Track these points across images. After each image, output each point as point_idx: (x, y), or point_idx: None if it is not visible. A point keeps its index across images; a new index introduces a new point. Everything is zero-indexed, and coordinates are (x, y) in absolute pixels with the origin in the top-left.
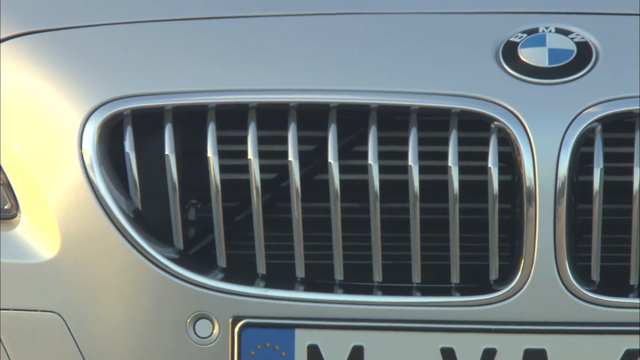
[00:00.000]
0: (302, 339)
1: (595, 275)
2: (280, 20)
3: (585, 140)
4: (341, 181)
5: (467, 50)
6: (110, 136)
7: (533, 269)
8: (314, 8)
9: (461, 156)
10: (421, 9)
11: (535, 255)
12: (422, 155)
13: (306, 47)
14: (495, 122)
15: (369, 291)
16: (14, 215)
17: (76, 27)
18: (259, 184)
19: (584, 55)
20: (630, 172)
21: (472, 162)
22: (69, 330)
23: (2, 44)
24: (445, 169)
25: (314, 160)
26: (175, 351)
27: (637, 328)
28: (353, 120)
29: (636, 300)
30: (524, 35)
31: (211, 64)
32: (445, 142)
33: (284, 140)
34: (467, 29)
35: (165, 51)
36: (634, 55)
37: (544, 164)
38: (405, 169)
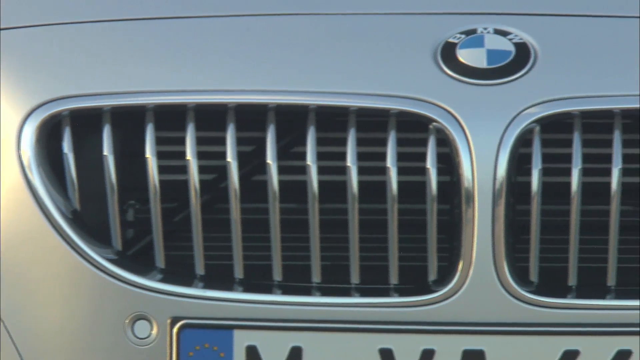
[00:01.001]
0: (241, 340)
1: (533, 276)
2: (219, 21)
3: (524, 141)
4: (281, 182)
5: (405, 51)
6: (49, 137)
7: (471, 269)
8: (253, 9)
9: (401, 157)
10: (360, 10)
11: (473, 256)
12: (362, 156)
13: (245, 48)
14: (434, 123)
15: (307, 292)
16: None
17: (15, 28)
18: (197, 185)
19: (522, 56)
20: (568, 173)
21: (412, 163)
22: (7, 331)
23: None
24: (384, 170)
25: (253, 161)
26: (113, 352)
27: (575, 329)
28: (294, 121)
29: (574, 301)
30: (463, 36)
31: (150, 64)
32: (384, 143)
33: (224, 141)
34: (405, 30)
35: (104, 52)
36: (572, 56)
37: (482, 165)
38: (345, 170)
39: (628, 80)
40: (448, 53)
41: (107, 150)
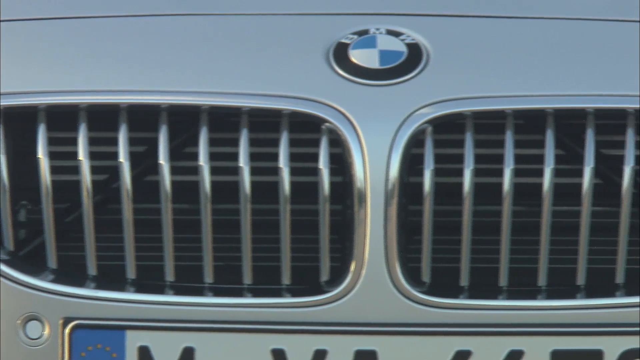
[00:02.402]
0: (133, 340)
1: (425, 276)
2: (112, 21)
3: (416, 141)
4: (174, 182)
5: (298, 51)
6: None
7: (364, 270)
8: (145, 9)
9: (295, 157)
10: (253, 11)
11: (366, 257)
12: (256, 157)
13: (138, 49)
14: (326, 124)
15: (200, 292)
16: None
17: None
18: (89, 185)
19: (414, 56)
20: (461, 173)
21: (305, 163)
22: None
23: None
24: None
25: (146, 162)
26: (6, 352)
27: (468, 329)
28: (187, 121)
29: (466, 302)
30: (355, 36)
31: (42, 65)
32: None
33: (116, 142)
34: (298, 30)
35: (2, 52)
36: (464, 57)
37: (374, 165)
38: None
39: (519, 80)
40: (340, 54)
41: None
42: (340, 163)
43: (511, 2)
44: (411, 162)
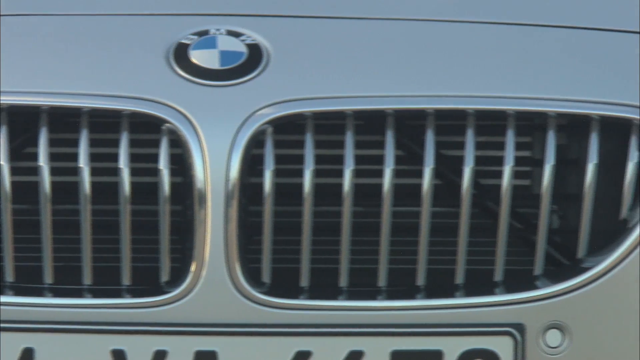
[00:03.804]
0: None
1: (266, 277)
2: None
3: (257, 142)
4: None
5: (138, 52)
6: None
7: (204, 270)
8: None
9: (139, 158)
10: (93, 11)
11: (206, 257)
12: (101, 158)
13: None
14: (166, 124)
15: (39, 293)
16: None
17: None
18: None
19: (254, 57)
20: (299, 174)
21: (147, 164)
22: None
23: None
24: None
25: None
26: None
27: (307, 330)
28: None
29: (306, 302)
30: (195, 37)
31: None
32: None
33: None
34: (138, 31)
35: None
36: (305, 58)
37: (215, 166)
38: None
39: (360, 81)
40: (180, 54)
41: None
42: (181, 163)
43: (350, 3)
44: (252, 163)
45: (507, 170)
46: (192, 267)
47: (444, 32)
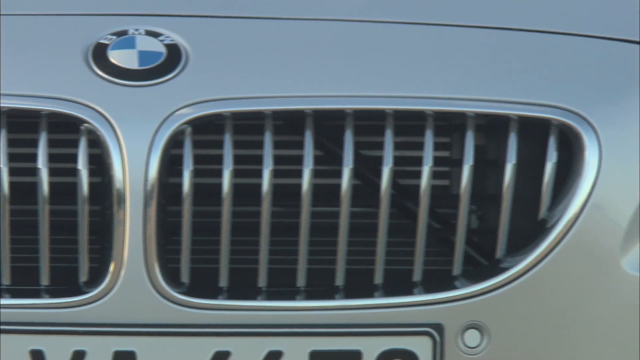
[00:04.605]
0: None
1: (184, 277)
2: None
3: (176, 142)
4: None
5: (57, 52)
6: None
7: (123, 270)
8: None
9: (60, 158)
10: (10, 11)
11: (125, 257)
12: (19, 158)
13: None
14: (85, 124)
15: None
16: None
17: None
18: None
19: (173, 57)
20: (218, 174)
21: (67, 164)
22: None
23: None
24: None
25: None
26: None
27: (226, 330)
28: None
29: (225, 302)
30: (114, 37)
31: None
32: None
33: None
34: (57, 31)
35: None
36: (223, 58)
37: (134, 166)
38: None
39: (280, 81)
40: (99, 54)
41: None
42: (101, 164)
43: (269, 3)
44: (171, 163)
45: (426, 170)
46: (111, 267)
47: (362, 32)
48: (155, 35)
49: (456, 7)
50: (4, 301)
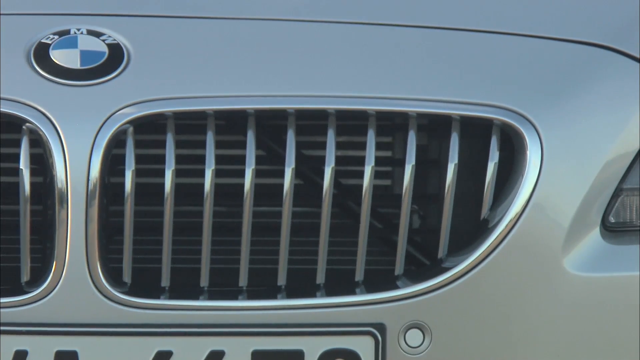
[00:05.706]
0: None
1: (127, 277)
2: None
3: (119, 142)
4: None
5: None
6: None
7: (65, 270)
8: None
9: (2, 158)
10: None
11: (67, 257)
12: None
13: None
14: (27, 124)
15: None
16: None
17: None
18: None
19: (115, 57)
20: (161, 174)
21: (10, 164)
22: None
23: None
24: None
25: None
26: None
27: (168, 330)
28: None
29: (167, 302)
30: (56, 37)
31: None
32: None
33: None
34: None
35: None
36: (165, 58)
37: (75, 166)
38: None
39: (223, 81)
40: (41, 54)
41: None
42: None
43: (212, 3)
44: (114, 163)
45: (368, 170)
46: (53, 267)
47: (304, 32)
48: (97, 34)
49: (399, 7)
50: None
